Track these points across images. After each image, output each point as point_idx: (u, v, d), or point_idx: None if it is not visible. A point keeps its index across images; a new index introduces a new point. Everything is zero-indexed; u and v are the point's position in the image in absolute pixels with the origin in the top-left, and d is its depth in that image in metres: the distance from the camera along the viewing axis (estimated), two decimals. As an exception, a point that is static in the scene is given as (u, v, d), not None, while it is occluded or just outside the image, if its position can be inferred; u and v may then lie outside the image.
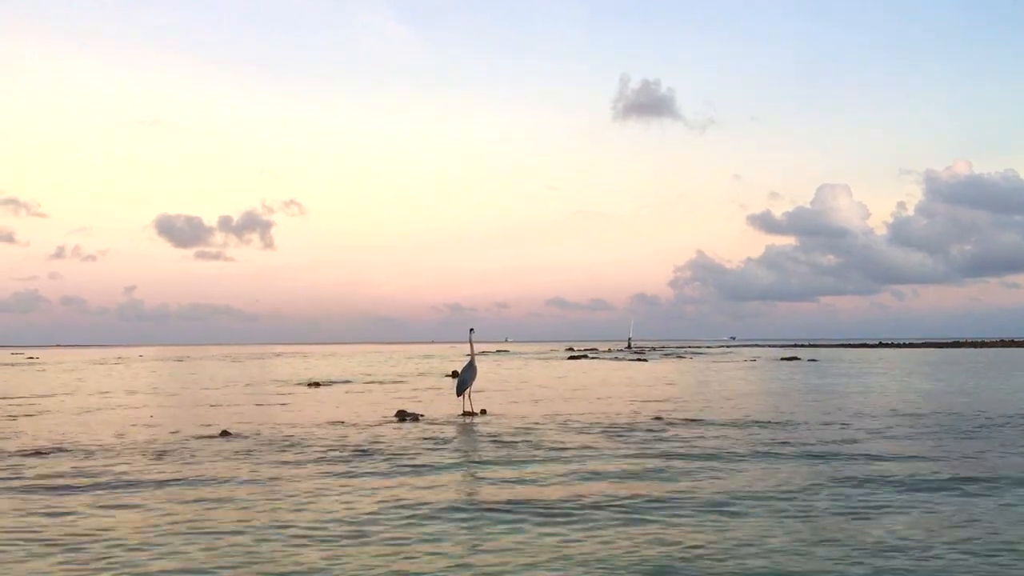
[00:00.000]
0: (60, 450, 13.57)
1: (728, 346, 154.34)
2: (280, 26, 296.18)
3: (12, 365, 65.38)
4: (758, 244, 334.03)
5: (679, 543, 7.43)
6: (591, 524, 8.19)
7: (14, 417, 19.83)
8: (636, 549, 7.25)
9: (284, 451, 13.38)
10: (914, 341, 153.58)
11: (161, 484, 10.48)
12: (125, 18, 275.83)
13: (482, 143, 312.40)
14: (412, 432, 15.97)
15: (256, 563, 6.88)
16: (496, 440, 14.41)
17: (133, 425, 17.66)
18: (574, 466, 11.73)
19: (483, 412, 19.70)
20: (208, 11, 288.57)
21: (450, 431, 16.21)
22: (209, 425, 17.32)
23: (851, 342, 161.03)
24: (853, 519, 8.40)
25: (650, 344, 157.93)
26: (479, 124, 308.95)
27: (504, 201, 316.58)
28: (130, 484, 10.52)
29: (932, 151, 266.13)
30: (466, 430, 16.43)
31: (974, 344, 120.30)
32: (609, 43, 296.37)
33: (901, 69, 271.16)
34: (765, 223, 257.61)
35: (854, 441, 14.29)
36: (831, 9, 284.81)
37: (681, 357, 72.27)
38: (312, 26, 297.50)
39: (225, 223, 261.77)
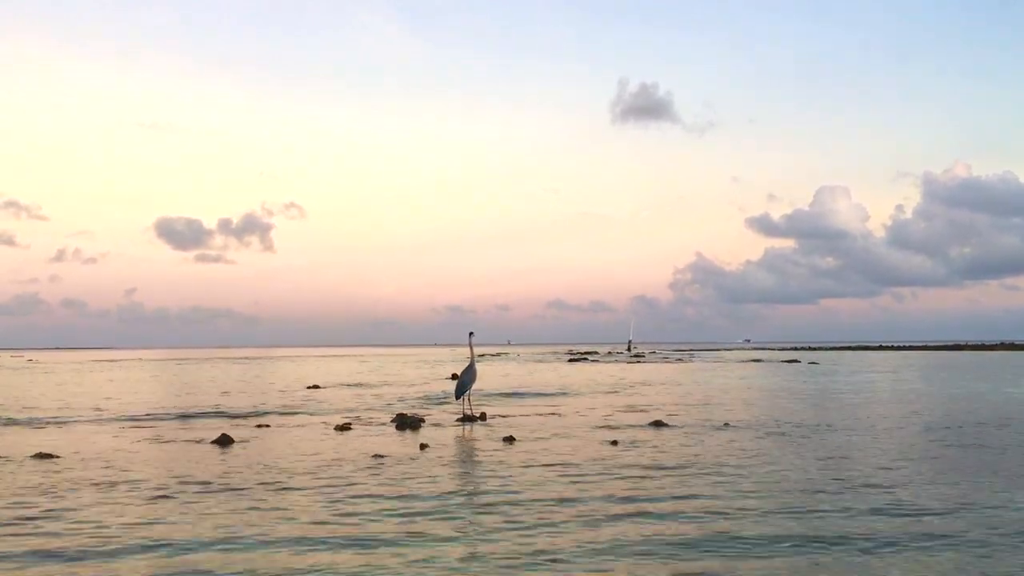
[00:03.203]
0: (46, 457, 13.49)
1: (743, 348, 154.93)
2: (280, 26, 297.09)
3: (15, 369, 65.25)
4: (757, 246, 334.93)
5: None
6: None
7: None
8: None
9: (276, 467, 13.28)
10: (914, 344, 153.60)
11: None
12: (125, 18, 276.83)
13: (481, 144, 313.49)
14: (410, 441, 15.89)
15: None
16: (496, 460, 14.18)
17: (122, 428, 17.59)
18: (572, 485, 11.62)
19: (483, 416, 19.63)
20: (208, 12, 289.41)
21: (449, 438, 16.12)
22: (199, 439, 17.22)
23: (852, 344, 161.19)
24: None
25: (651, 347, 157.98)
26: (478, 125, 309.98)
27: (504, 202, 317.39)
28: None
29: (930, 153, 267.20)
30: (465, 439, 16.35)
31: (974, 347, 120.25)
32: (608, 44, 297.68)
33: (899, 70, 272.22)
34: (764, 225, 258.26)
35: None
36: (830, 10, 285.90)
37: (681, 360, 72.11)
38: (312, 26, 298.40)
39: (225, 226, 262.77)
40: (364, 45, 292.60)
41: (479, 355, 21.16)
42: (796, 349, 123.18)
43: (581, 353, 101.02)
